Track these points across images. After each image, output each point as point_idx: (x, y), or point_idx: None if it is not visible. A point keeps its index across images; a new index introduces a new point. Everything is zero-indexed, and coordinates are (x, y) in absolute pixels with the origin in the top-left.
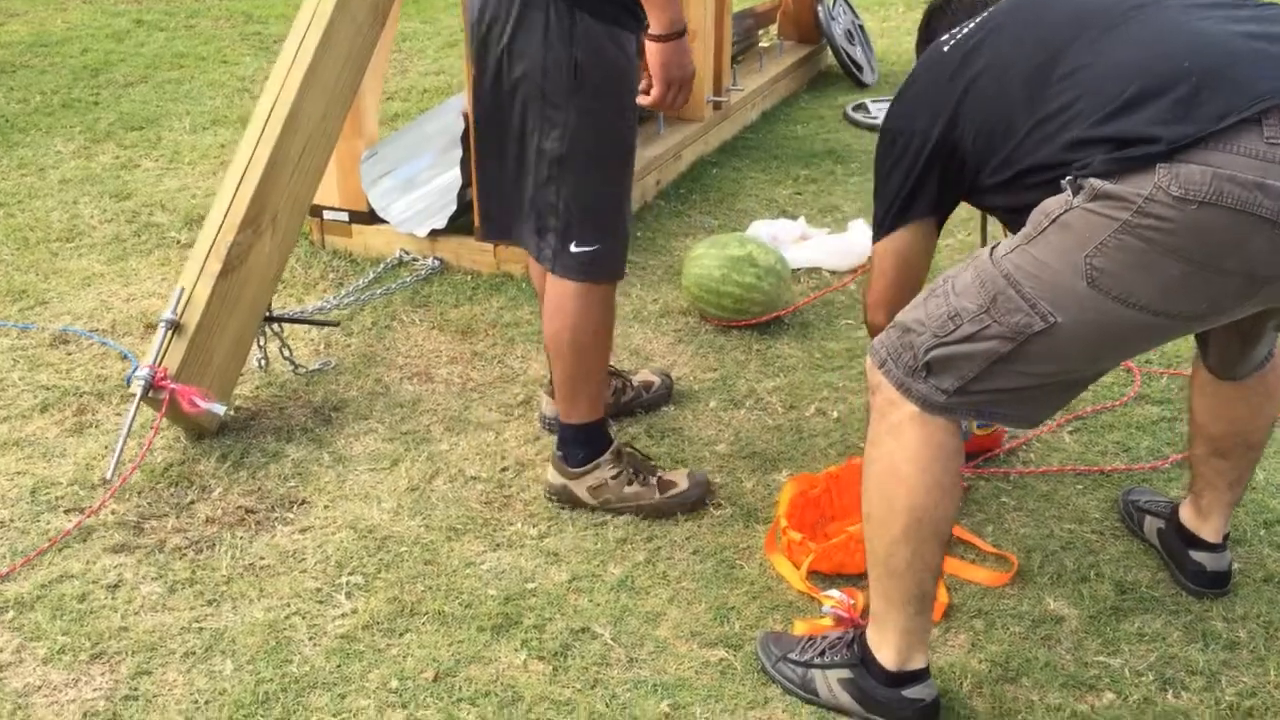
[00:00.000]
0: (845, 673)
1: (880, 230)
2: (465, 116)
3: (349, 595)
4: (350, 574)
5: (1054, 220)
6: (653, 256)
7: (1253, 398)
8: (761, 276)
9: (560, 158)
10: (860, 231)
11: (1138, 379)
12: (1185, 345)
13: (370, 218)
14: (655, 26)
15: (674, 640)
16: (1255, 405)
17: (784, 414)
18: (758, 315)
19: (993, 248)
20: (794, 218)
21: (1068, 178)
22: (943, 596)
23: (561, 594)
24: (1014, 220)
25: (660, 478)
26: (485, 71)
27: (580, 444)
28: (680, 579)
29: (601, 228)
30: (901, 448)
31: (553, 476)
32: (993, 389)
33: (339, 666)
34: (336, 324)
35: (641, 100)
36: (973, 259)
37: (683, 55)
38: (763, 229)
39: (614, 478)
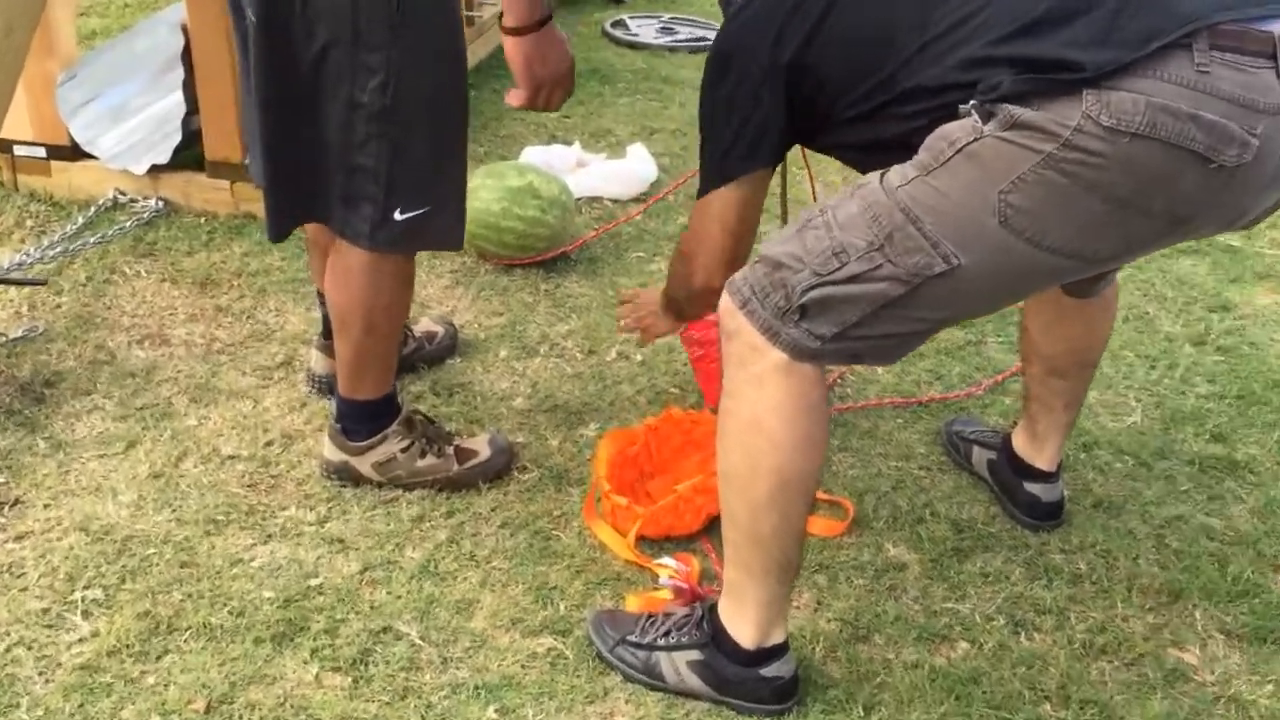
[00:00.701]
0: (694, 654)
1: (716, 178)
2: (185, 30)
3: (86, 614)
4: (86, 587)
5: (960, 150)
6: None
7: (1093, 312)
8: (545, 209)
9: (383, 111)
10: (639, 157)
11: None
12: None
13: (74, 152)
14: (511, 16)
15: (492, 631)
16: (1094, 321)
17: (583, 360)
18: (542, 251)
19: (882, 175)
20: (568, 143)
21: (971, 102)
22: None
23: (353, 588)
24: (865, 160)
25: (458, 446)
26: (261, 14)
27: (364, 419)
28: (490, 558)
29: (433, 187)
30: (765, 400)
31: (330, 452)
32: (875, 334)
33: (81, 706)
34: (43, 282)
35: (509, 100)
36: (855, 187)
37: (550, 48)
38: (536, 156)
39: (404, 451)
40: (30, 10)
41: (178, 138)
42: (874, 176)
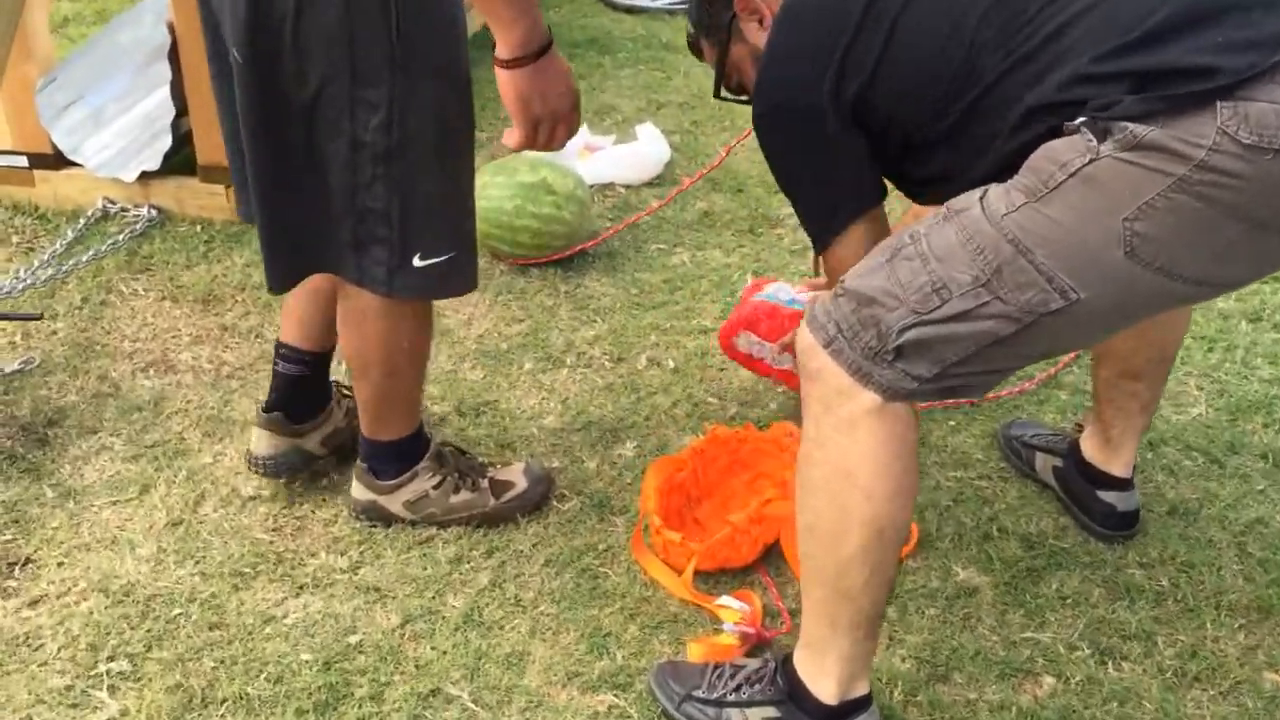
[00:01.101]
0: (770, 711)
1: (821, 240)
2: (171, 28)
3: (113, 690)
4: (110, 658)
5: (1074, 173)
6: None
7: None
8: (561, 205)
9: (388, 150)
10: (650, 137)
11: None
12: None
13: (57, 160)
14: (504, 46)
15: (547, 689)
16: (1174, 314)
17: (613, 369)
18: (560, 250)
19: (981, 199)
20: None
21: (1080, 119)
22: None
23: (395, 645)
24: (933, 190)
25: (492, 478)
26: (247, 52)
27: (392, 458)
28: (537, 602)
29: (453, 229)
30: (857, 448)
31: (358, 492)
32: (977, 370)
33: None
34: (38, 317)
35: (505, 142)
36: (950, 212)
37: (551, 82)
38: None
39: (436, 487)
40: (8, 15)
41: (168, 141)
42: (970, 200)
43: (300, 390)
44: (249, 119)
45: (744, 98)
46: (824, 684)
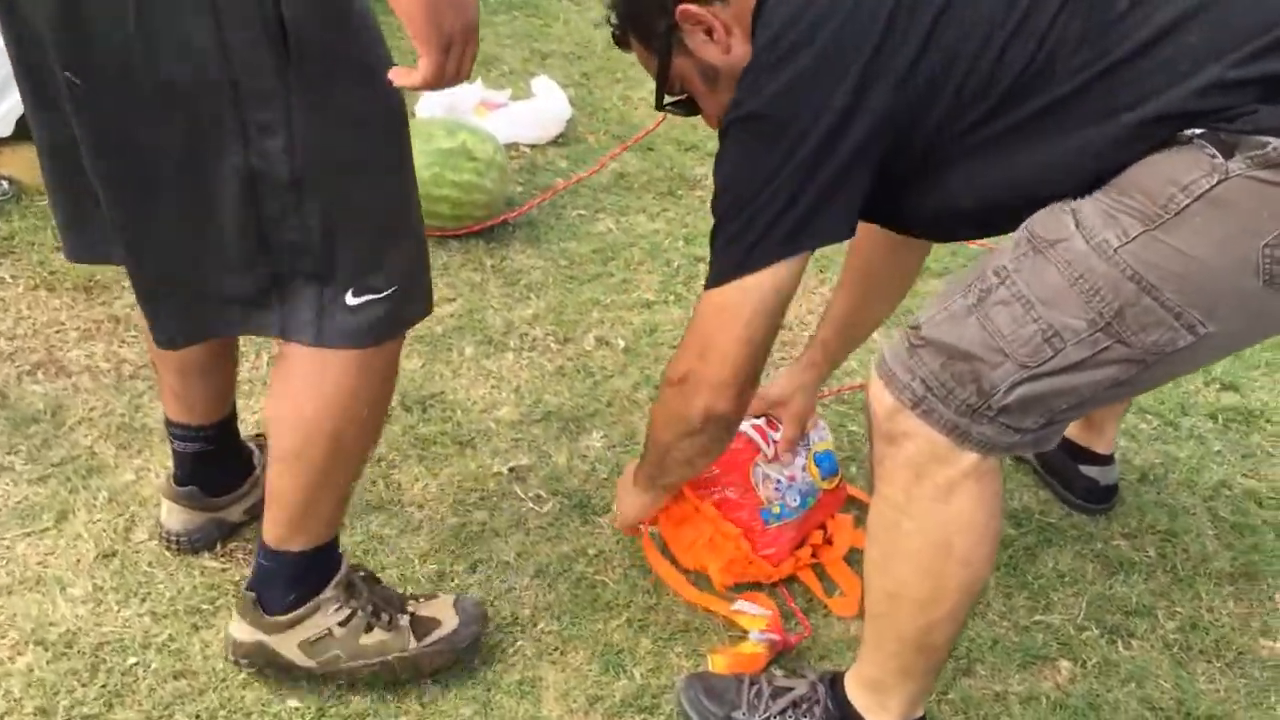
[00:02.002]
0: None
1: (743, 264)
2: None
3: None
4: None
5: (1200, 196)
6: None
7: None
8: (482, 172)
9: (295, 177)
10: (549, 93)
11: None
12: None
13: None
14: None
15: (570, 718)
16: None
17: (560, 351)
18: (480, 220)
19: (1080, 228)
20: (469, 80)
21: (1196, 131)
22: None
23: (392, 680)
24: (952, 222)
25: (414, 615)
26: (81, 68)
27: (291, 580)
28: (535, 619)
29: (395, 254)
30: (956, 517)
31: (240, 630)
32: (1083, 413)
33: None
34: None
35: (404, 81)
36: (1042, 244)
37: None
38: (436, 97)
39: (343, 624)
40: None
41: (19, 105)
42: (1062, 228)
43: (210, 464)
44: (98, 159)
45: (688, 111)
46: (884, 717)
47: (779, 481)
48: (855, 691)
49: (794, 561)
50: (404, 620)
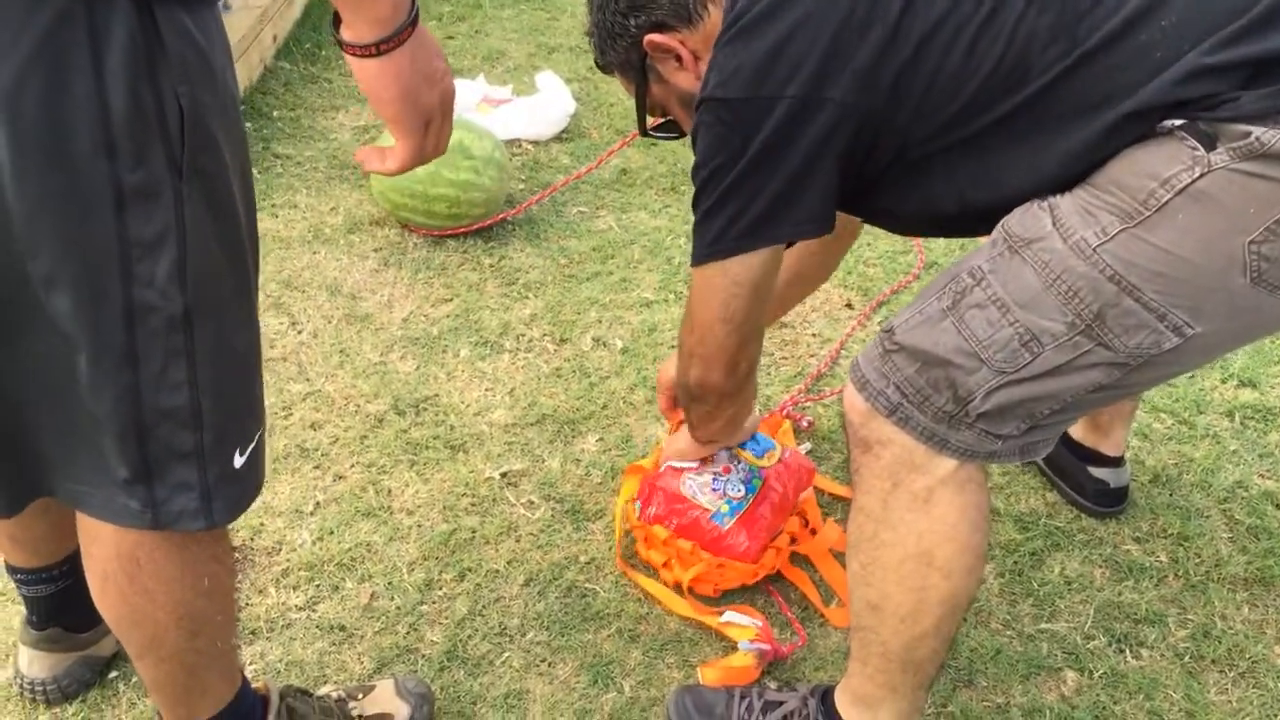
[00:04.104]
0: None
1: (718, 247)
2: None
3: None
4: None
5: (1180, 190)
6: (305, 144)
7: None
8: (480, 170)
9: (187, 309)
10: (553, 89)
11: (919, 248)
12: None
13: None
14: (368, 24)
15: None
16: None
17: (557, 352)
18: (479, 219)
19: (1058, 228)
20: (471, 77)
21: (1176, 122)
22: None
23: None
24: (956, 225)
25: (363, 716)
26: None
27: None
28: (524, 630)
29: (260, 396)
30: (936, 527)
31: None
32: (1067, 419)
33: None
34: None
35: (376, 166)
36: (1017, 243)
37: (432, 57)
38: None
39: None
40: None
41: None
42: (1039, 227)
43: (70, 600)
44: None
45: (674, 135)
46: None
47: (713, 479)
48: (845, 707)
49: (775, 554)
50: None
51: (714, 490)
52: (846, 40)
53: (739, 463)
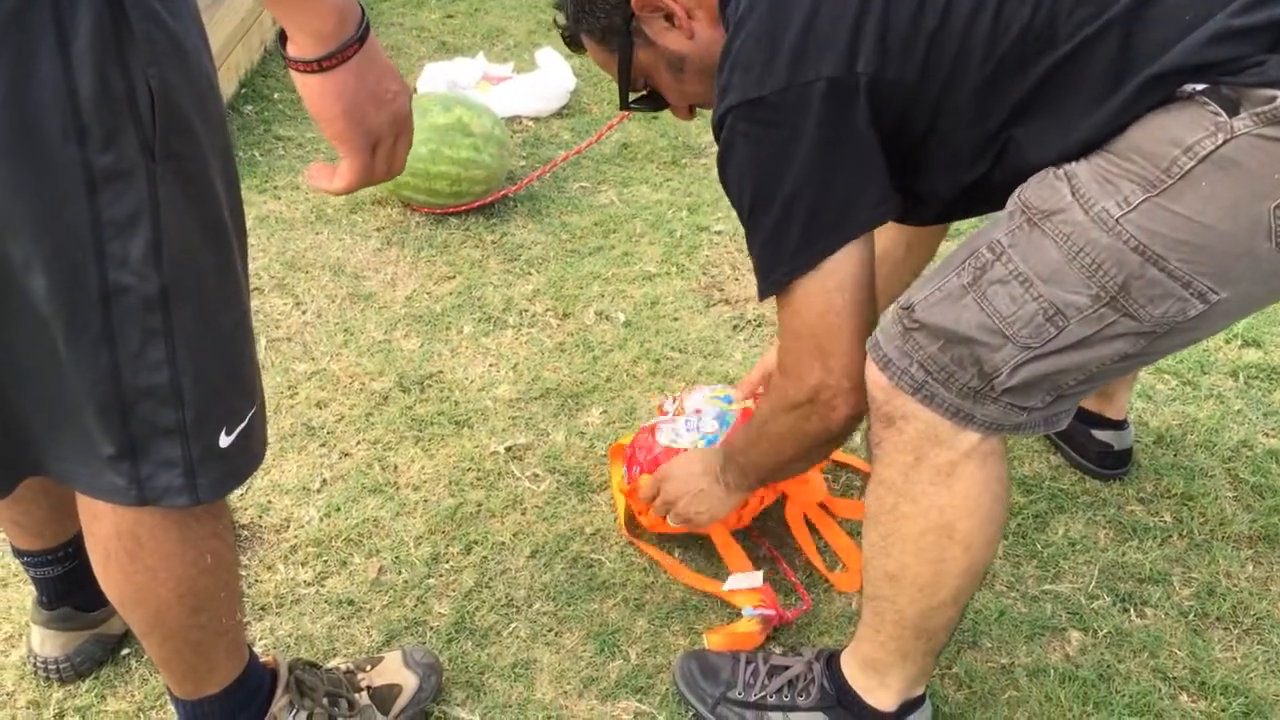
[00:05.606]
0: (818, 716)
1: (800, 260)
2: None
3: None
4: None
5: (1203, 157)
6: (307, 125)
7: None
8: (480, 147)
9: (164, 289)
10: (553, 65)
11: None
12: None
13: None
14: (311, 39)
15: (563, 700)
16: None
17: (560, 327)
18: (480, 196)
19: (1078, 198)
20: (471, 55)
21: (1198, 86)
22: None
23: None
24: (948, 197)
25: (371, 688)
26: None
27: (230, 713)
28: (530, 600)
29: (250, 370)
30: (958, 500)
31: None
32: (1091, 388)
33: None
34: None
35: (322, 184)
36: (1036, 216)
37: (382, 75)
38: (439, 74)
39: None
40: None
41: None
42: (1058, 198)
43: (79, 579)
44: None
45: (656, 107)
46: (882, 695)
47: (688, 421)
48: (853, 670)
49: (758, 499)
50: (363, 698)
51: (689, 430)
52: (873, 11)
53: (710, 401)
